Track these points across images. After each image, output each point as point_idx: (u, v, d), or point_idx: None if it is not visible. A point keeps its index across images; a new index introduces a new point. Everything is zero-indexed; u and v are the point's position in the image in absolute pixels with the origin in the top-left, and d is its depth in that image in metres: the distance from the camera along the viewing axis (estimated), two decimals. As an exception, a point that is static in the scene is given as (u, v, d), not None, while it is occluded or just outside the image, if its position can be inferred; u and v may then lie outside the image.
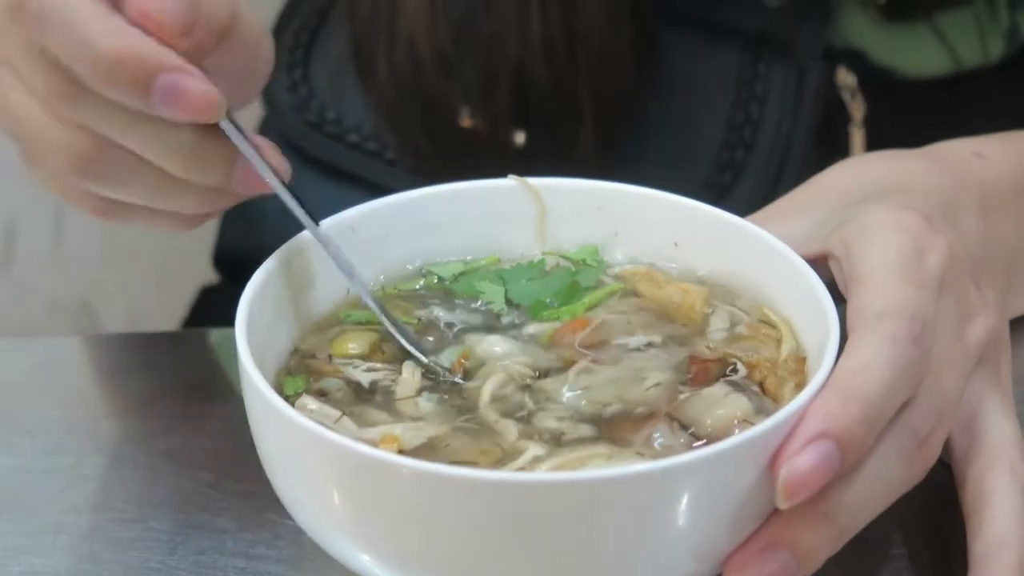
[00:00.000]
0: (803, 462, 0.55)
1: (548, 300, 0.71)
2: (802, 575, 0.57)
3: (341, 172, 1.03)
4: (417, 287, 0.72)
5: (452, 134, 0.96)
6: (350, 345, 0.67)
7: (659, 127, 0.97)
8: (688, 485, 0.55)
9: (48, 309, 1.45)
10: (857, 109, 1.00)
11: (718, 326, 0.69)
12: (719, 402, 0.62)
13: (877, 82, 1.00)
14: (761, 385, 0.64)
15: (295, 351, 0.68)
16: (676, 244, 0.73)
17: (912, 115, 1.02)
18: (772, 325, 0.68)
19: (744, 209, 0.94)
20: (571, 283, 0.72)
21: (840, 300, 0.64)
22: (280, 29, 1.07)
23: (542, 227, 0.75)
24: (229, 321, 0.62)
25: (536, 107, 0.95)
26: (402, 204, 0.73)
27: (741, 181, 0.96)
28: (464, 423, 0.62)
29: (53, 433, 0.77)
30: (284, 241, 1.05)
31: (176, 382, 0.83)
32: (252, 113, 1.08)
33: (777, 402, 0.63)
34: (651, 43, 0.97)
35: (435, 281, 0.73)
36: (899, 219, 0.65)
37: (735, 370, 0.65)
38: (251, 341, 0.61)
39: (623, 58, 0.95)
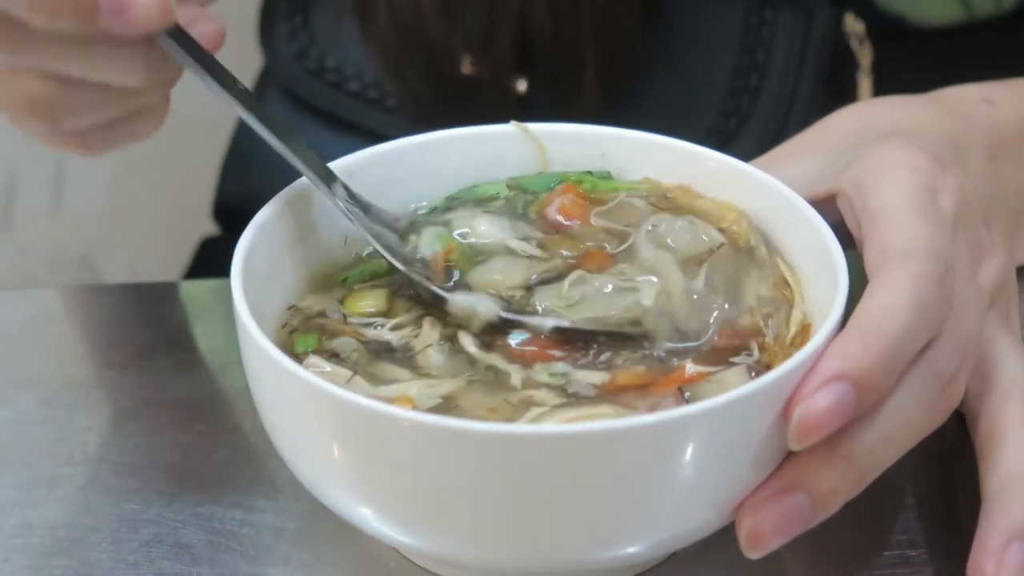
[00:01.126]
0: (817, 403, 0.54)
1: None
2: (818, 519, 0.56)
3: (342, 121, 1.02)
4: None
5: (452, 81, 0.95)
6: (363, 304, 0.66)
7: (664, 74, 0.96)
8: (704, 433, 0.54)
9: (49, 265, 1.45)
10: (865, 56, 0.99)
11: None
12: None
13: (886, 29, 0.99)
14: (769, 366, 0.62)
15: (296, 308, 0.66)
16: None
17: (921, 63, 1.01)
18: (788, 285, 0.66)
19: (749, 156, 0.94)
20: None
21: (846, 241, 0.64)
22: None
23: (543, 160, 0.74)
24: (229, 272, 0.61)
25: (539, 55, 0.94)
26: (400, 151, 0.71)
27: (746, 128, 0.95)
28: (475, 376, 0.61)
29: (50, 385, 0.76)
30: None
31: (177, 333, 0.83)
32: (252, 62, 1.07)
33: None
34: None
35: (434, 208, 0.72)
36: (910, 158, 0.64)
37: (749, 352, 0.63)
38: (247, 293, 0.60)
39: (627, 6, 0.94)
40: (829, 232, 0.63)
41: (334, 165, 0.67)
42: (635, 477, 0.53)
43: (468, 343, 0.63)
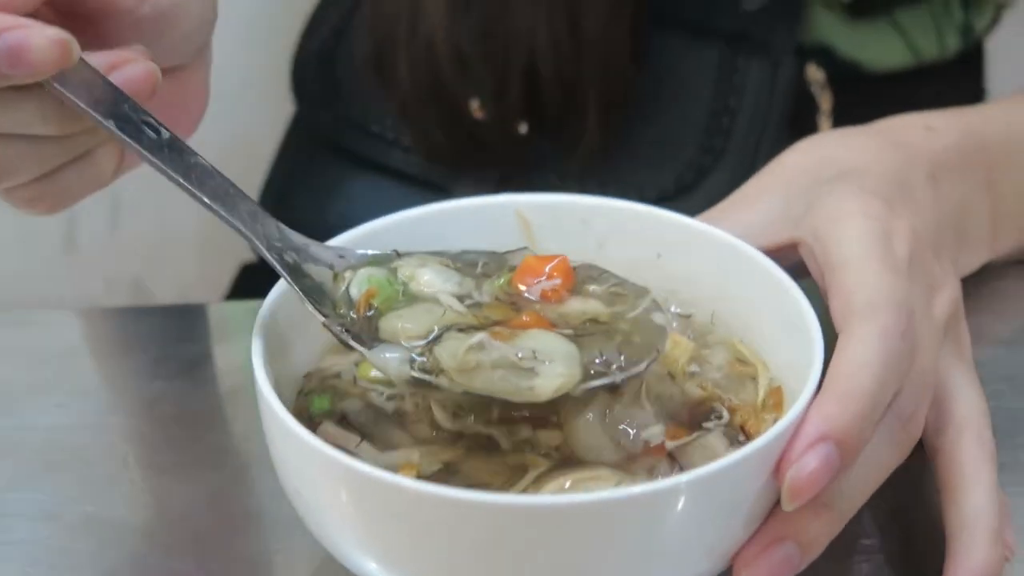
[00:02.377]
0: (806, 467, 0.53)
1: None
2: (807, 562, 0.56)
3: (366, 160, 1.02)
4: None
5: (463, 125, 0.95)
6: (374, 371, 0.62)
7: (650, 115, 0.97)
8: (701, 498, 0.52)
9: (105, 286, 1.45)
10: (825, 101, 1.00)
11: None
12: (720, 456, 0.57)
13: (844, 75, 1.00)
14: (743, 428, 0.60)
15: (314, 372, 0.64)
16: (659, 255, 0.68)
17: (876, 105, 1.01)
18: (746, 363, 0.64)
19: (725, 186, 0.94)
20: None
21: (802, 275, 0.63)
22: (309, 33, 1.06)
23: (529, 243, 0.69)
24: (265, 294, 0.61)
25: (546, 103, 0.94)
26: (391, 226, 0.67)
27: (721, 162, 0.95)
28: (470, 442, 0.59)
29: (105, 394, 0.77)
30: (317, 223, 1.05)
31: (218, 348, 0.83)
32: (285, 109, 1.08)
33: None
34: (646, 45, 0.96)
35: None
36: (863, 205, 0.63)
37: (719, 415, 0.61)
38: (268, 362, 0.57)
39: (623, 58, 0.94)
40: (803, 298, 0.61)
41: (334, 242, 0.64)
42: (635, 540, 0.52)
43: (442, 418, 0.60)
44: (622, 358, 0.58)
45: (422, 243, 0.65)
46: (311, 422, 0.60)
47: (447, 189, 0.99)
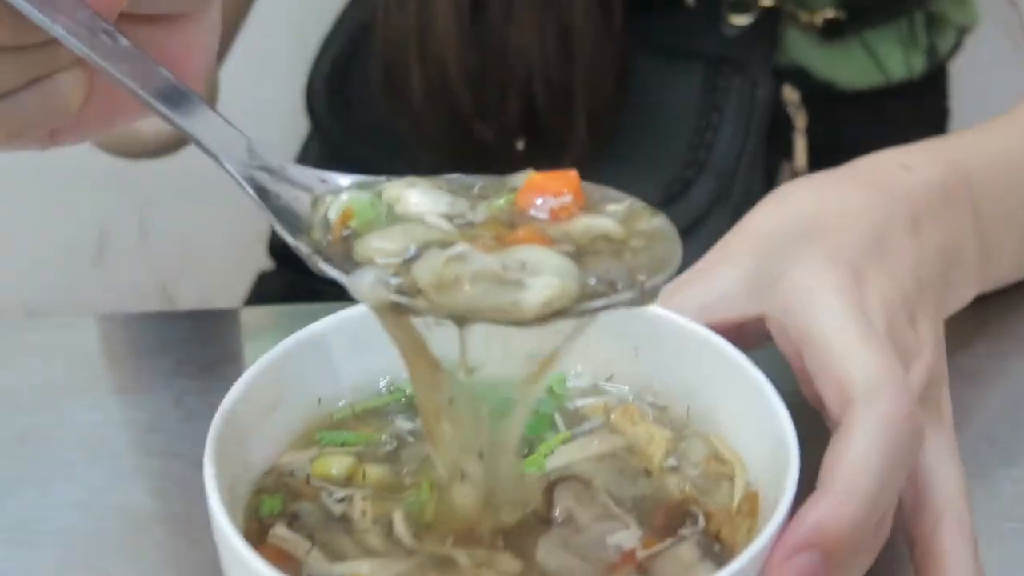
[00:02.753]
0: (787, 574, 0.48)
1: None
2: None
3: (374, 172, 1.02)
4: (383, 404, 0.61)
5: (469, 140, 0.95)
6: (327, 468, 0.57)
7: (637, 132, 0.97)
8: None
9: (133, 294, 1.45)
10: (800, 119, 1.00)
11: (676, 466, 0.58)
12: (692, 568, 0.52)
13: (818, 94, 1.00)
14: (717, 535, 0.54)
15: (273, 468, 0.58)
16: (636, 350, 0.61)
17: (848, 123, 1.02)
18: (723, 460, 0.57)
19: (708, 196, 0.95)
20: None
21: (764, 343, 0.60)
22: (321, 56, 1.07)
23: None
24: (280, 301, 0.60)
25: (539, 120, 0.94)
26: (363, 320, 0.59)
27: (703, 176, 0.96)
28: (424, 559, 0.53)
29: (133, 392, 0.77)
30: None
31: (236, 350, 0.84)
32: (299, 125, 1.08)
33: (732, 548, 0.53)
34: (631, 64, 0.96)
35: (401, 398, 0.61)
36: (834, 279, 0.57)
37: (695, 521, 0.54)
38: (221, 467, 0.52)
39: (609, 74, 0.94)
40: (777, 398, 0.54)
41: (306, 331, 0.59)
42: None
43: (402, 531, 0.54)
44: (629, 277, 0.48)
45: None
46: (261, 523, 0.55)
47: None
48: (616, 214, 0.52)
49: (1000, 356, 0.73)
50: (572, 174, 0.53)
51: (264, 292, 1.12)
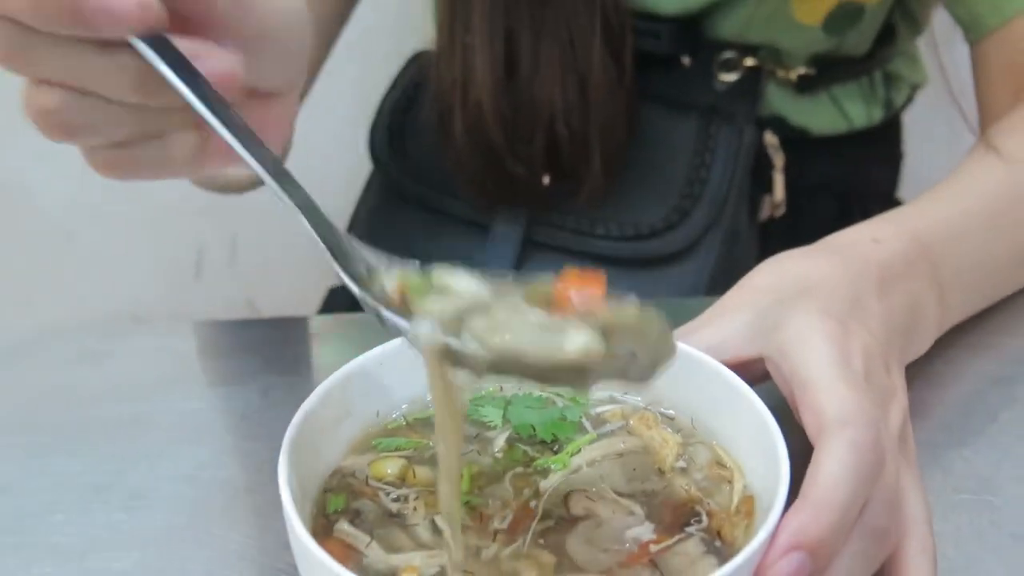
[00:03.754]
0: (779, 573, 0.47)
1: (535, 426, 0.59)
2: None
3: (428, 206, 1.02)
4: (430, 415, 0.60)
5: (503, 176, 0.95)
6: (387, 469, 0.57)
7: (643, 168, 0.96)
8: None
9: (224, 305, 1.45)
10: (779, 159, 1.00)
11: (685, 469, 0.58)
12: (697, 561, 0.52)
13: (794, 139, 1.00)
14: (719, 532, 0.53)
15: (335, 471, 0.57)
16: None
17: (818, 162, 1.02)
18: (724, 466, 0.57)
19: (702, 221, 0.94)
20: (559, 417, 0.60)
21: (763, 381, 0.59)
22: (382, 107, 1.07)
23: None
24: (349, 310, 0.59)
25: (561, 159, 0.94)
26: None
27: (698, 207, 0.95)
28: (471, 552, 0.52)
29: (227, 385, 0.77)
30: (394, 253, 1.05)
31: (311, 351, 0.83)
32: (364, 164, 1.08)
33: (731, 544, 0.52)
34: (638, 113, 0.95)
35: None
36: (823, 328, 0.57)
37: (699, 519, 0.54)
38: (293, 468, 0.52)
39: (620, 120, 0.94)
40: (771, 419, 0.54)
41: (367, 356, 0.58)
42: None
43: (444, 527, 0.53)
44: (643, 355, 0.48)
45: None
46: (327, 519, 0.54)
47: (488, 227, 0.99)
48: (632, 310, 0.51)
49: (954, 362, 0.73)
50: (602, 276, 0.51)
51: (334, 305, 1.12)
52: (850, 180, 1.04)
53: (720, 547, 0.52)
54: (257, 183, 1.00)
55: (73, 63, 0.48)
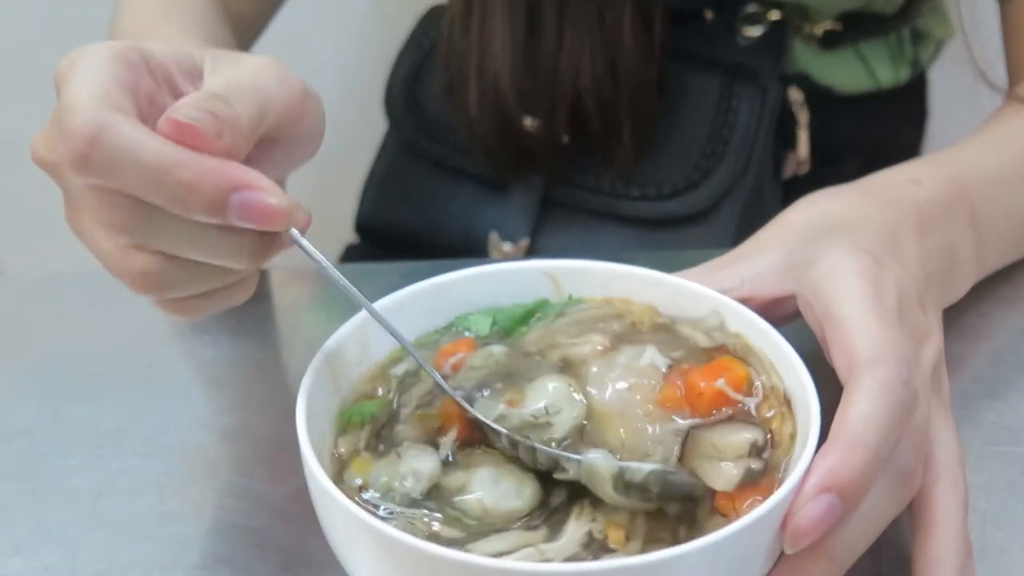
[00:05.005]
0: (808, 515, 0.46)
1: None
2: None
3: (442, 165, 1.01)
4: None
5: (518, 140, 0.93)
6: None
7: (666, 128, 0.94)
8: (720, 556, 0.45)
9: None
10: (803, 116, 0.98)
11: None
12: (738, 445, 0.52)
13: (819, 96, 0.98)
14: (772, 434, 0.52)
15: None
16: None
17: (843, 120, 1.00)
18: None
19: (724, 181, 0.93)
20: (539, 301, 0.61)
21: (794, 319, 0.58)
22: (398, 65, 1.05)
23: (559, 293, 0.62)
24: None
25: (585, 122, 0.92)
26: (437, 288, 0.60)
27: (721, 166, 0.93)
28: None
29: (244, 332, 0.75)
30: (404, 214, 1.03)
31: (327, 300, 0.81)
32: (379, 122, 1.07)
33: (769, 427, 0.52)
34: (667, 78, 0.93)
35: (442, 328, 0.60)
36: (857, 264, 0.55)
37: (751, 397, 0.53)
38: (311, 412, 0.51)
39: (651, 92, 0.92)
40: (801, 364, 0.53)
41: (382, 303, 0.58)
42: None
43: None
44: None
45: (465, 303, 0.60)
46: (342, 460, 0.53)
47: (507, 189, 0.97)
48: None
49: (986, 315, 0.72)
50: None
51: (351, 257, 1.11)
52: (875, 139, 1.03)
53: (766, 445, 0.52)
54: None
55: (192, 239, 0.49)
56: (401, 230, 1.03)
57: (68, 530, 0.60)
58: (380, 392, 0.57)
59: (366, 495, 0.51)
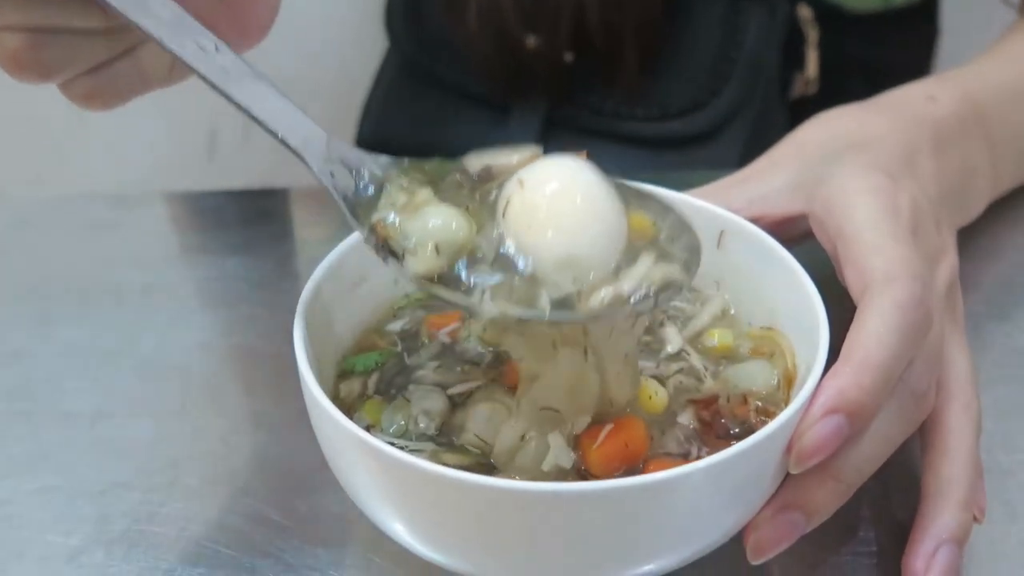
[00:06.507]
0: (814, 435, 0.45)
1: None
2: (811, 527, 0.48)
3: (445, 83, 0.99)
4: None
5: (519, 58, 0.91)
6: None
7: (673, 48, 0.92)
8: (726, 476, 0.44)
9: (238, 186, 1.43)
10: (812, 34, 0.96)
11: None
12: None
13: (829, 14, 0.96)
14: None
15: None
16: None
17: (855, 38, 0.98)
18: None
19: (730, 103, 0.91)
20: None
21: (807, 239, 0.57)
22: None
23: None
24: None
25: (589, 39, 0.90)
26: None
27: (729, 85, 0.92)
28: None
29: (243, 253, 0.74)
30: (407, 136, 1.02)
31: (325, 222, 0.80)
32: (380, 39, 1.05)
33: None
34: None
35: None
36: (870, 182, 0.54)
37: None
38: (312, 338, 0.50)
39: (655, 7, 0.89)
40: (811, 284, 0.51)
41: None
42: (659, 518, 0.44)
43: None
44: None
45: None
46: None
47: (509, 110, 0.95)
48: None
49: (998, 237, 0.71)
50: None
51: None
52: (885, 59, 1.01)
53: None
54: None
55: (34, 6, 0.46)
56: (402, 151, 1.01)
57: (64, 452, 0.59)
58: (382, 345, 0.56)
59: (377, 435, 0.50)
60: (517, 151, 0.50)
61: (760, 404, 0.51)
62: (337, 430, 0.46)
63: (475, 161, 0.50)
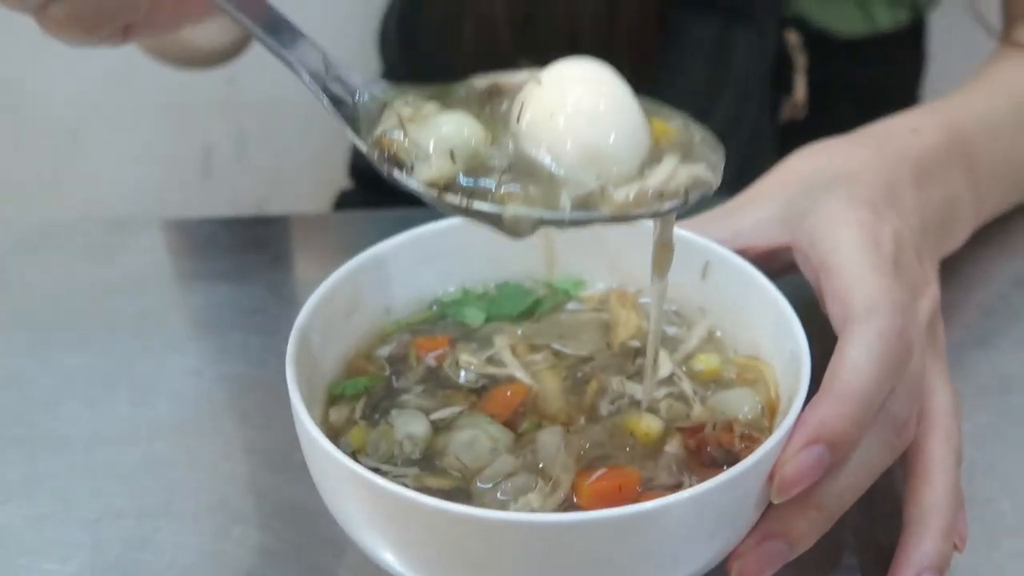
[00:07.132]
0: (796, 465, 0.46)
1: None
2: (796, 555, 0.48)
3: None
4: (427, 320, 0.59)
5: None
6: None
7: (665, 68, 0.93)
8: (709, 506, 0.45)
9: (233, 206, 1.43)
10: (801, 60, 0.97)
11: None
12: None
13: (816, 40, 0.97)
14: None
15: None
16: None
17: (843, 62, 0.99)
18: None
19: (722, 123, 0.92)
20: (533, 302, 0.60)
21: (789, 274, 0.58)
22: (392, 6, 1.04)
23: (551, 255, 0.61)
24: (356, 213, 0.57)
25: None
26: (428, 237, 0.59)
27: (719, 107, 0.93)
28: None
29: (236, 281, 0.75)
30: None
31: (319, 250, 0.81)
32: (372, 67, 1.06)
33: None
34: (665, 20, 0.92)
35: (437, 311, 0.59)
36: (855, 214, 0.55)
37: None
38: (305, 366, 0.51)
39: (649, 31, 0.90)
40: (793, 315, 0.52)
41: (367, 254, 0.57)
42: (641, 547, 0.45)
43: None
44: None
45: (460, 249, 0.59)
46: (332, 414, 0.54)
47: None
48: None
49: (980, 262, 0.72)
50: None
51: (345, 205, 1.10)
52: (873, 84, 1.02)
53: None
54: (230, 55, 0.97)
55: None
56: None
57: (60, 478, 0.60)
58: (371, 370, 0.57)
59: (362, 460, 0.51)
60: (524, 70, 0.49)
61: (745, 431, 0.52)
62: (327, 460, 0.47)
63: (481, 80, 0.50)
